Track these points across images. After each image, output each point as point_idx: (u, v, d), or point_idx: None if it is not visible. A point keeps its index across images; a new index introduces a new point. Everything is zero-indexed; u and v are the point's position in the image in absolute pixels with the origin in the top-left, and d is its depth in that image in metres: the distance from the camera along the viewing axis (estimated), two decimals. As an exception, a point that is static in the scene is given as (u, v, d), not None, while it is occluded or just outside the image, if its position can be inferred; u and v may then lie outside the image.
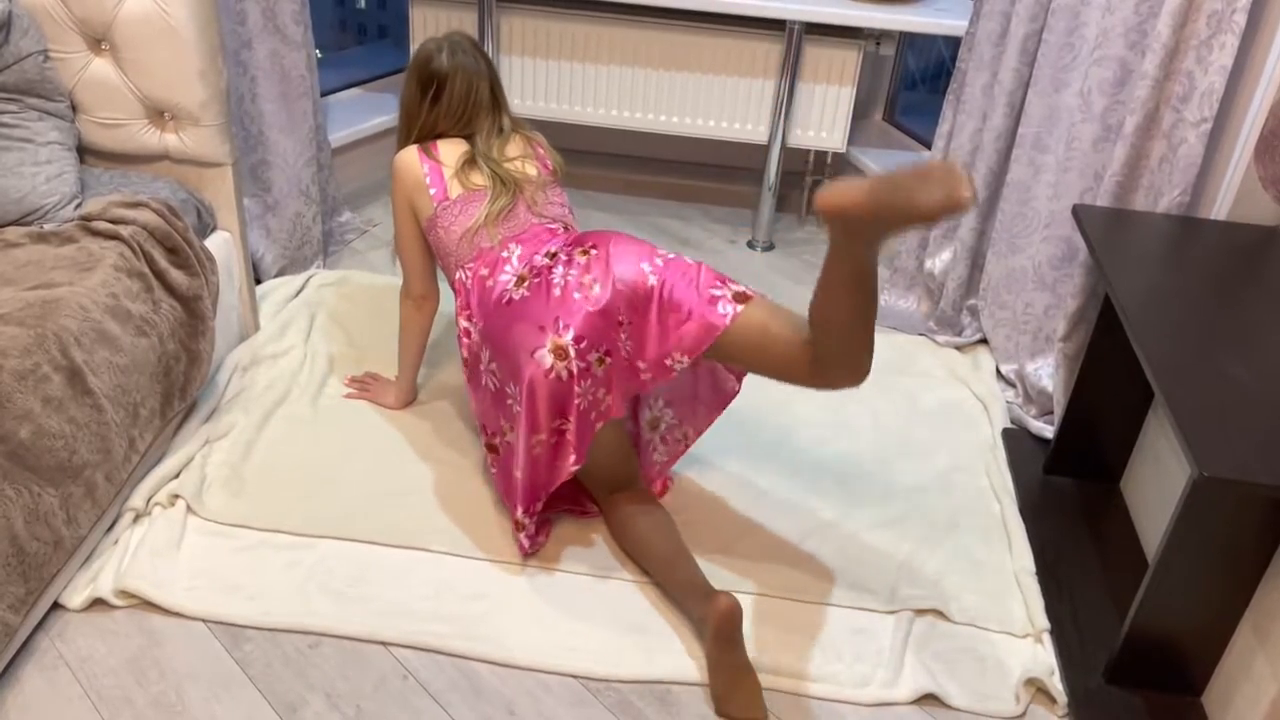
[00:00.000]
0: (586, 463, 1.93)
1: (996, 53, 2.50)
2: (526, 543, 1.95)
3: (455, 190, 2.03)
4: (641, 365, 1.85)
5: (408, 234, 2.12)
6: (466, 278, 1.99)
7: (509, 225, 2.01)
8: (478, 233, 2.00)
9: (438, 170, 2.04)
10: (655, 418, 2.11)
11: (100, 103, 2.22)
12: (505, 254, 1.97)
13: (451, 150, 2.07)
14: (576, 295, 1.80)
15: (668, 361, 1.83)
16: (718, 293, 1.81)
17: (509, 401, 1.85)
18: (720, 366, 2.00)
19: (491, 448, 1.98)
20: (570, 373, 1.79)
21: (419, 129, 2.11)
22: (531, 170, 2.09)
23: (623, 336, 1.83)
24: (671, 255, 1.87)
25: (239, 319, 2.47)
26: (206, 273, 2.16)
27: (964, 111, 2.60)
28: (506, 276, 1.93)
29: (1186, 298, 1.81)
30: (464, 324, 1.99)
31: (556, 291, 1.82)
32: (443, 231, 2.03)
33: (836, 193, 1.45)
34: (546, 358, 1.78)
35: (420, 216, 2.08)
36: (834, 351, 1.68)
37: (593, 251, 1.85)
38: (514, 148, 2.11)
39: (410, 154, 2.07)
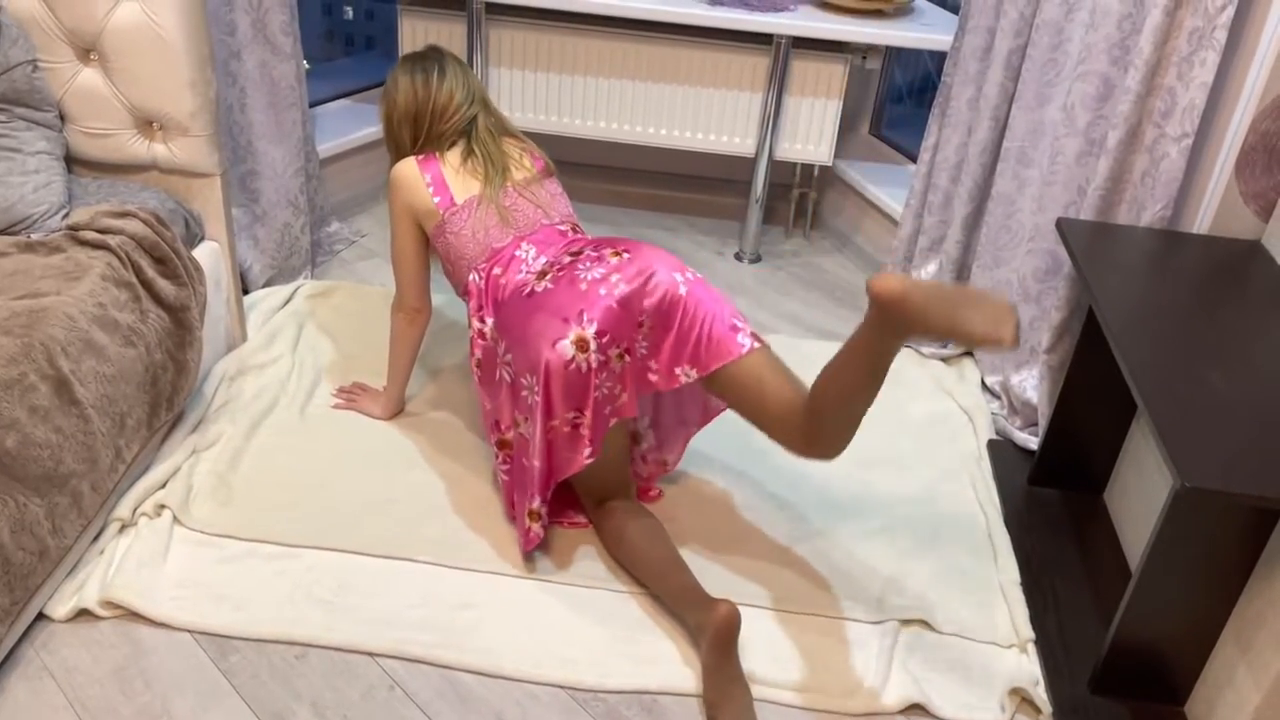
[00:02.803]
0: (585, 468, 1.94)
1: (981, 67, 2.53)
2: (529, 538, 1.94)
3: (462, 195, 2.04)
4: (653, 366, 1.88)
5: (406, 246, 2.12)
6: (479, 279, 2.00)
7: (519, 225, 2.03)
8: (489, 231, 2.01)
9: (440, 178, 2.05)
10: (639, 434, 2.12)
11: (89, 112, 2.22)
12: (519, 253, 1.99)
13: (453, 154, 2.09)
14: (602, 291, 1.82)
15: (677, 370, 1.87)
16: (740, 324, 1.86)
17: (524, 393, 1.85)
18: (711, 398, 2.05)
19: (503, 444, 1.97)
20: (590, 365, 1.80)
21: (429, 118, 2.10)
22: (528, 163, 2.12)
23: (640, 338, 1.86)
24: (700, 275, 1.90)
25: (226, 329, 2.47)
26: (194, 283, 2.16)
27: (949, 125, 2.62)
28: (523, 274, 1.95)
29: (1169, 310, 1.83)
30: (477, 324, 2.00)
31: (582, 286, 1.84)
32: (453, 237, 2.04)
33: (893, 281, 1.48)
34: (568, 348, 1.79)
35: (425, 225, 2.08)
36: (824, 422, 1.71)
37: (625, 255, 1.88)
38: (510, 139, 2.15)
39: (409, 164, 2.08)
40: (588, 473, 1.98)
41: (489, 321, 1.98)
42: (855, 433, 1.73)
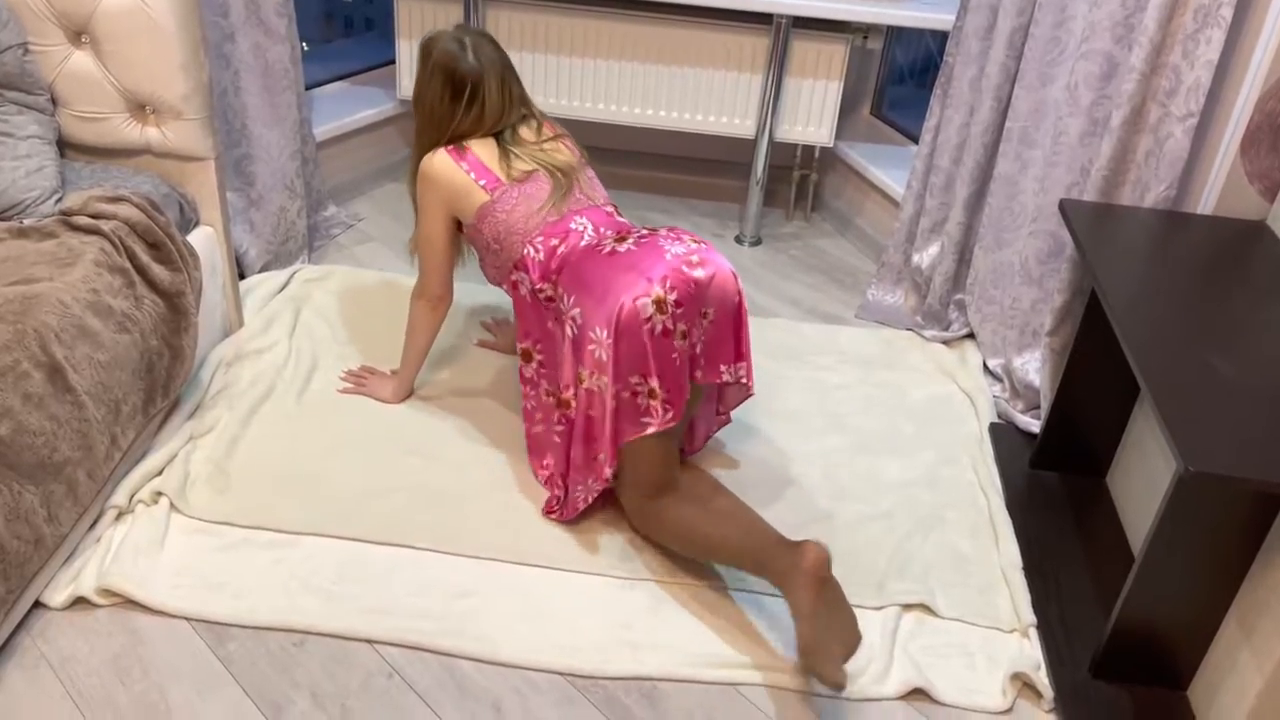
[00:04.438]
0: (627, 470, 1.94)
1: (984, 47, 2.50)
2: (589, 495, 1.98)
3: (507, 175, 2.04)
4: (701, 361, 1.95)
5: (435, 236, 2.10)
6: (536, 251, 1.99)
7: (569, 201, 2.05)
8: (542, 204, 2.02)
9: (479, 163, 2.04)
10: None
11: (81, 96, 2.20)
12: (574, 226, 2.01)
13: (484, 147, 2.07)
14: (684, 268, 1.88)
15: (722, 367, 1.97)
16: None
17: (590, 346, 1.86)
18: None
19: (564, 403, 1.95)
20: (663, 329, 1.85)
21: (451, 134, 2.07)
22: (567, 152, 2.12)
23: (698, 327, 1.92)
24: None
25: (223, 315, 2.45)
26: (189, 268, 2.14)
27: (951, 106, 2.60)
28: (588, 240, 1.98)
29: (1172, 292, 1.82)
30: (540, 292, 1.99)
31: (667, 256, 1.89)
32: (504, 214, 2.02)
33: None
34: (649, 306, 1.83)
35: (467, 213, 2.05)
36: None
37: (702, 245, 1.94)
38: (548, 131, 2.14)
39: (444, 157, 2.04)
40: (648, 462, 1.93)
41: (553, 280, 1.96)
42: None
